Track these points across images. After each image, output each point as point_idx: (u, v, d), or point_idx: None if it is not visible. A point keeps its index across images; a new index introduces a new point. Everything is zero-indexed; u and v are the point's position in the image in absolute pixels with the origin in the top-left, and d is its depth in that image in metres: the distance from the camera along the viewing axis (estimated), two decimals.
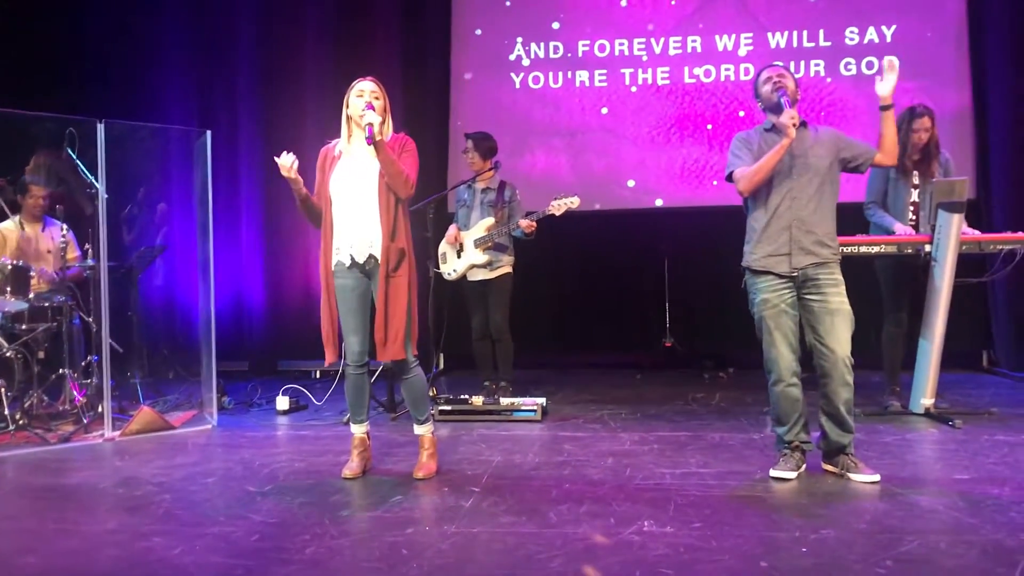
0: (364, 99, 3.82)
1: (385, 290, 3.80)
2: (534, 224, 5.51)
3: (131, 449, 4.64)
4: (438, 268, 5.88)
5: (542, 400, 5.29)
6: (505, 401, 5.26)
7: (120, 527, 3.21)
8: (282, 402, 5.71)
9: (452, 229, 5.82)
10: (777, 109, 3.75)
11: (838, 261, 3.77)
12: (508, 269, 5.77)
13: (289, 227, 7.64)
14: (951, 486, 3.59)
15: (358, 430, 4.03)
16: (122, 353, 5.75)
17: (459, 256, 5.76)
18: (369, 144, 3.72)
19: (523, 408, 5.17)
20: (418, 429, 4.04)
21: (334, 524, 3.19)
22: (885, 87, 3.70)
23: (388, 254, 3.80)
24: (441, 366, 7.48)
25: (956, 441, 4.42)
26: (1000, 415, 5.06)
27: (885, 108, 3.73)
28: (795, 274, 3.71)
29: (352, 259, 3.85)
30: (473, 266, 5.71)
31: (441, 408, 5.20)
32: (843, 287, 3.73)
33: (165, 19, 7.79)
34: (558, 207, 5.44)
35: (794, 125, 3.62)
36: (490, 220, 5.69)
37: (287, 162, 3.81)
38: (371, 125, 3.70)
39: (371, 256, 3.85)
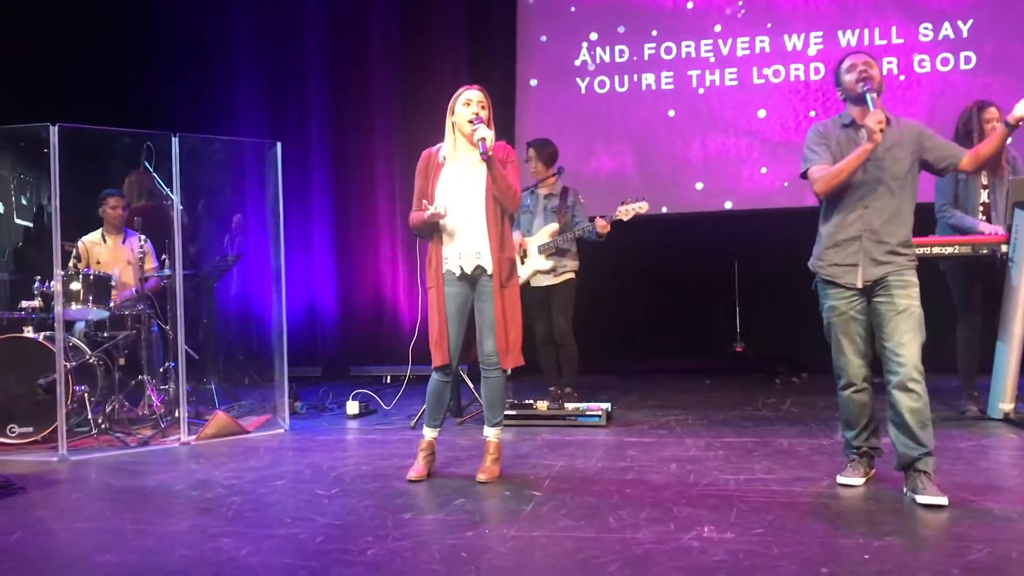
0: (471, 108, 3.84)
1: (502, 300, 3.88)
2: (608, 225, 5.50)
3: (206, 452, 4.78)
4: None
5: (607, 405, 5.28)
6: (570, 406, 5.27)
7: (192, 528, 3.32)
8: (352, 407, 5.82)
9: (516, 236, 5.84)
10: (860, 102, 3.50)
11: (913, 267, 3.51)
12: (572, 274, 5.78)
13: (359, 235, 7.79)
14: None
15: (430, 434, 4.08)
16: (198, 360, 5.93)
17: (523, 262, 5.79)
18: (483, 160, 3.78)
19: (588, 413, 5.17)
20: (488, 431, 4.09)
21: (396, 526, 3.24)
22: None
23: (500, 265, 3.88)
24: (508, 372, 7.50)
25: None
26: None
27: (1010, 126, 3.46)
28: (863, 286, 3.50)
29: (461, 269, 3.91)
30: (538, 272, 5.74)
31: (506, 413, 5.22)
32: (914, 289, 3.47)
33: (236, 34, 8.03)
34: (626, 212, 5.44)
35: (880, 130, 3.34)
36: (554, 226, 5.71)
37: (443, 211, 3.83)
38: (483, 141, 3.74)
39: (478, 266, 3.90)
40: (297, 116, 7.94)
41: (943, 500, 3.27)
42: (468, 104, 3.86)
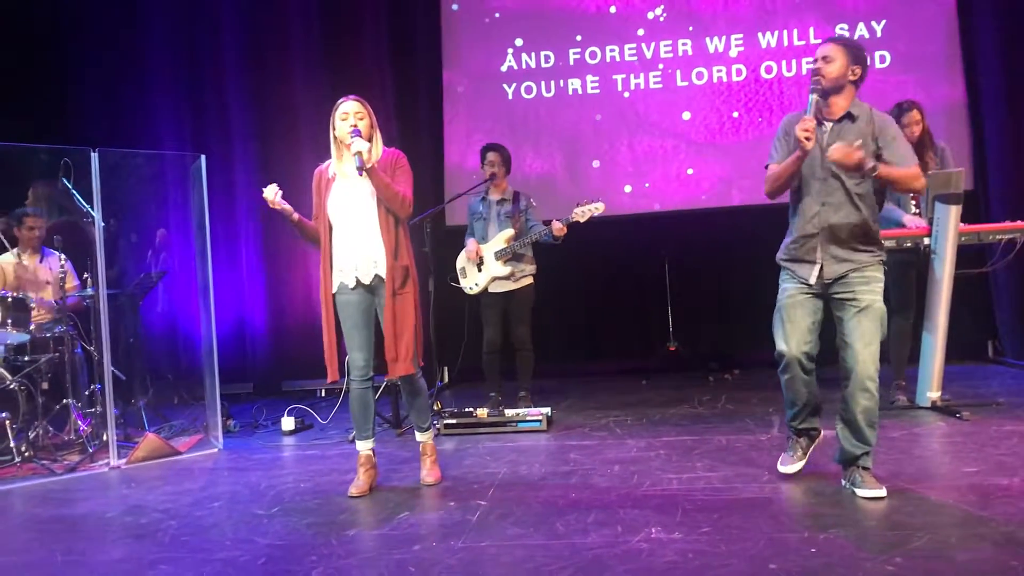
0: (349, 121, 3.83)
1: (392, 308, 3.84)
2: (565, 228, 5.51)
3: (137, 476, 4.63)
4: (457, 283, 5.88)
5: (547, 410, 5.27)
6: (510, 412, 5.25)
7: (127, 555, 3.20)
8: (287, 423, 5.70)
9: (471, 243, 5.80)
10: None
11: (877, 262, 3.47)
12: (531, 279, 5.77)
13: (288, 247, 7.65)
14: (960, 479, 3.57)
15: (364, 446, 4.02)
16: (125, 380, 5.74)
17: (480, 270, 5.75)
18: (360, 175, 3.74)
19: (528, 418, 5.16)
20: (421, 436, 4.11)
21: (341, 544, 3.18)
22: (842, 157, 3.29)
23: (393, 273, 3.86)
24: (445, 380, 7.46)
25: (963, 433, 4.40)
26: (1007, 405, 5.04)
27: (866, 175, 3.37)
28: (817, 283, 3.49)
29: (357, 280, 3.90)
30: (496, 278, 5.70)
31: (446, 422, 5.18)
32: (878, 285, 3.44)
33: (152, 44, 7.80)
34: (582, 213, 5.45)
35: (807, 138, 3.29)
36: (509, 231, 5.68)
37: (270, 194, 3.85)
38: (359, 155, 3.71)
39: (376, 276, 3.89)
40: (218, 126, 7.74)
41: (882, 492, 3.34)
42: (345, 118, 3.85)
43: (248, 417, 6.21)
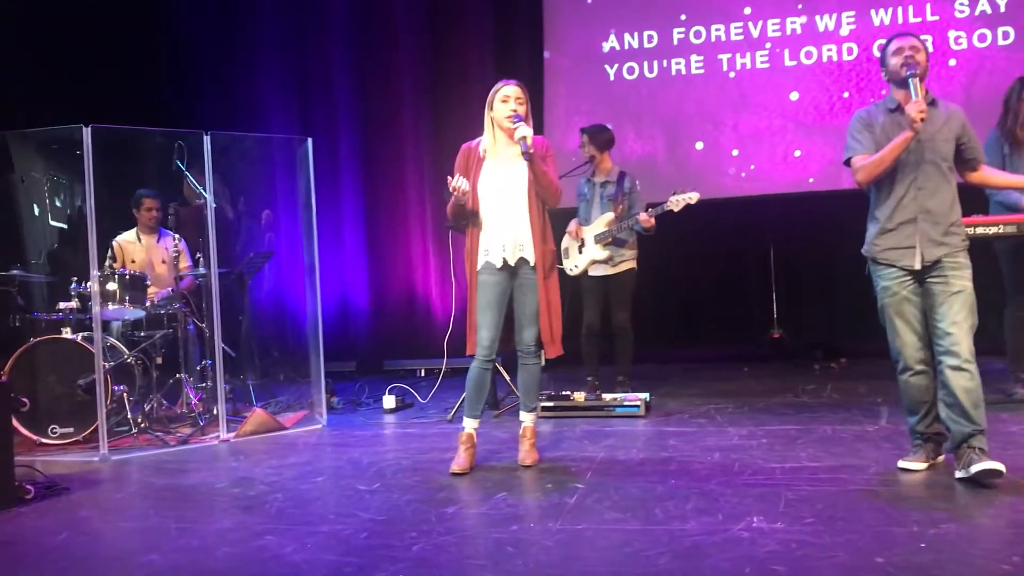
0: (510, 105, 3.89)
1: (545, 292, 3.96)
2: (652, 220, 5.45)
3: (245, 450, 4.79)
4: (559, 264, 5.89)
5: (645, 395, 5.23)
6: (608, 396, 5.22)
7: (235, 526, 3.32)
8: (389, 401, 5.81)
9: (573, 224, 5.80)
10: (904, 86, 3.44)
11: (965, 247, 3.48)
12: (631, 264, 5.71)
13: (390, 229, 7.78)
14: None
15: (471, 424, 4.05)
16: (235, 357, 5.94)
17: (580, 252, 5.74)
18: (524, 159, 3.83)
19: (626, 403, 5.12)
20: (525, 416, 4.13)
21: (440, 521, 3.22)
22: None
23: (544, 257, 3.96)
24: (543, 362, 7.47)
25: None
26: None
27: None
28: (921, 267, 3.45)
29: (504, 261, 3.96)
30: (595, 262, 5.68)
31: (544, 404, 5.18)
32: (967, 271, 3.43)
33: (262, 30, 8.03)
34: (676, 203, 5.37)
35: (922, 119, 3.31)
36: (610, 215, 5.65)
37: (464, 186, 3.89)
38: (524, 140, 3.80)
39: (521, 258, 3.96)
40: (325, 110, 7.92)
41: (1000, 466, 3.23)
42: (506, 100, 3.90)
43: (351, 395, 6.36)
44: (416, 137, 7.77)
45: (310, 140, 5.54)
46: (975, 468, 3.25)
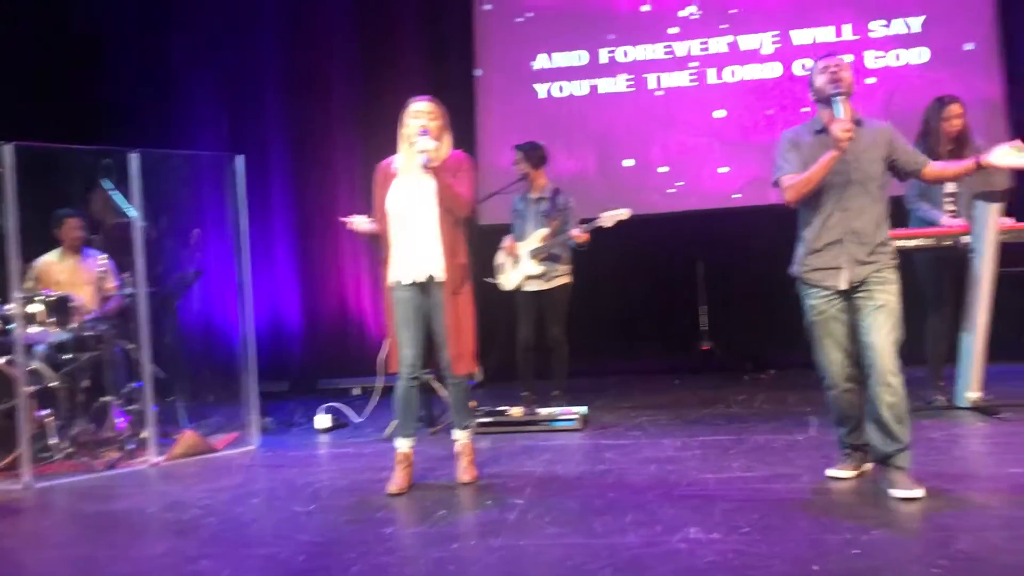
0: (420, 121, 3.89)
1: (453, 306, 3.92)
2: (586, 235, 5.51)
3: (176, 473, 4.69)
4: (495, 279, 5.90)
5: (582, 409, 5.27)
6: (544, 411, 5.25)
7: (169, 551, 3.24)
8: (322, 420, 5.74)
9: (507, 240, 5.83)
10: (830, 105, 3.48)
11: (894, 265, 3.52)
12: (565, 279, 5.75)
13: (323, 246, 7.70)
14: (1004, 480, 3.53)
15: (404, 444, 4.02)
16: (164, 378, 5.80)
17: (515, 267, 5.76)
18: (425, 172, 3.84)
19: (563, 418, 5.15)
20: (459, 434, 4.11)
21: (379, 541, 3.19)
22: (1003, 159, 3.42)
23: (452, 272, 3.92)
24: (479, 378, 7.47)
25: (1005, 434, 4.34)
26: None
27: (980, 165, 3.49)
28: (848, 287, 3.50)
29: (412, 278, 3.94)
30: (529, 277, 5.71)
31: (480, 421, 5.18)
32: (893, 286, 3.47)
33: (191, 46, 7.90)
34: (608, 219, 5.44)
35: (848, 137, 3.35)
36: (544, 231, 5.68)
37: (361, 224, 4.00)
38: (424, 153, 3.80)
39: (430, 275, 3.93)
40: (256, 127, 7.82)
41: (919, 493, 3.29)
42: (417, 116, 3.91)
43: (284, 415, 6.27)
44: (348, 153, 7.72)
45: (241, 157, 5.47)
46: (895, 493, 3.32)
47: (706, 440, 4.64)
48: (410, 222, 3.92)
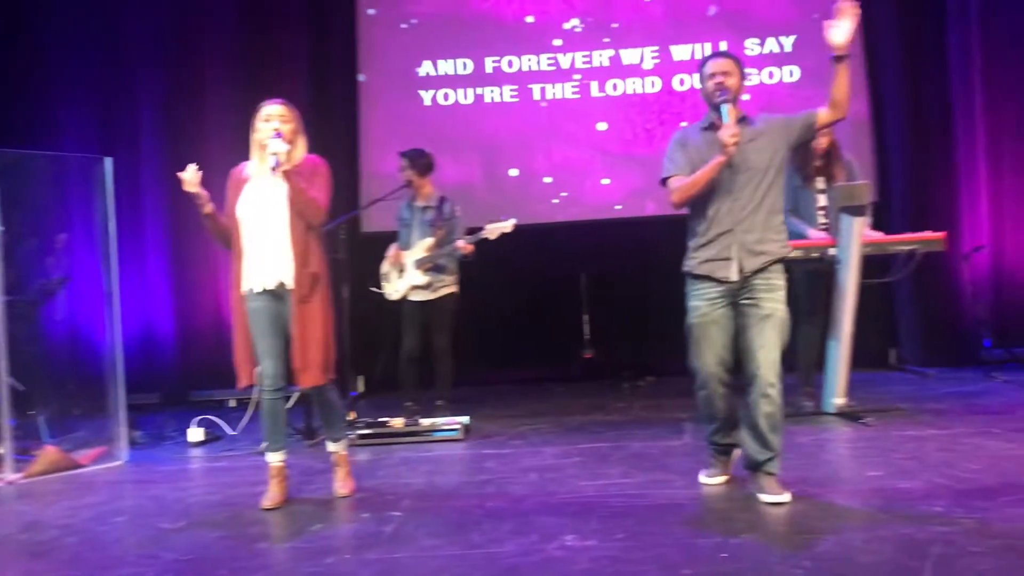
0: (271, 124, 3.77)
1: (300, 316, 3.76)
2: (471, 247, 5.49)
3: (35, 491, 4.44)
4: (379, 289, 5.82)
5: (464, 419, 5.25)
6: (426, 422, 5.21)
7: (23, 575, 3.06)
8: (195, 433, 5.54)
9: (392, 249, 5.77)
10: (717, 109, 3.54)
11: (781, 264, 3.58)
12: (451, 289, 5.72)
13: (197, 254, 7.44)
14: (864, 483, 3.68)
15: (275, 458, 3.92)
16: (24, 391, 5.49)
17: (400, 276, 5.70)
18: (274, 174, 3.71)
19: (445, 428, 5.12)
20: (333, 447, 4.02)
21: (251, 557, 3.10)
22: (839, 34, 3.41)
23: (300, 280, 3.77)
24: (362, 389, 7.38)
25: (867, 438, 4.54)
26: (909, 410, 5.21)
27: (839, 59, 3.43)
28: (740, 278, 3.51)
29: (263, 286, 3.80)
30: (415, 287, 5.65)
31: (360, 432, 5.10)
32: (780, 292, 3.54)
33: (58, 41, 7.53)
34: (492, 231, 5.44)
35: (734, 143, 3.39)
36: (430, 240, 5.64)
37: (189, 174, 3.78)
38: (275, 156, 3.68)
39: (280, 283, 3.79)
40: (127, 128, 7.50)
41: (785, 498, 3.40)
42: (268, 120, 3.80)
43: (155, 428, 6.02)
44: (224, 157, 7.41)
45: (109, 160, 5.24)
46: (764, 498, 3.43)
47: (585, 448, 4.69)
48: (260, 228, 3.79)
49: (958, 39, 7.16)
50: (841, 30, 3.40)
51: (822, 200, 5.24)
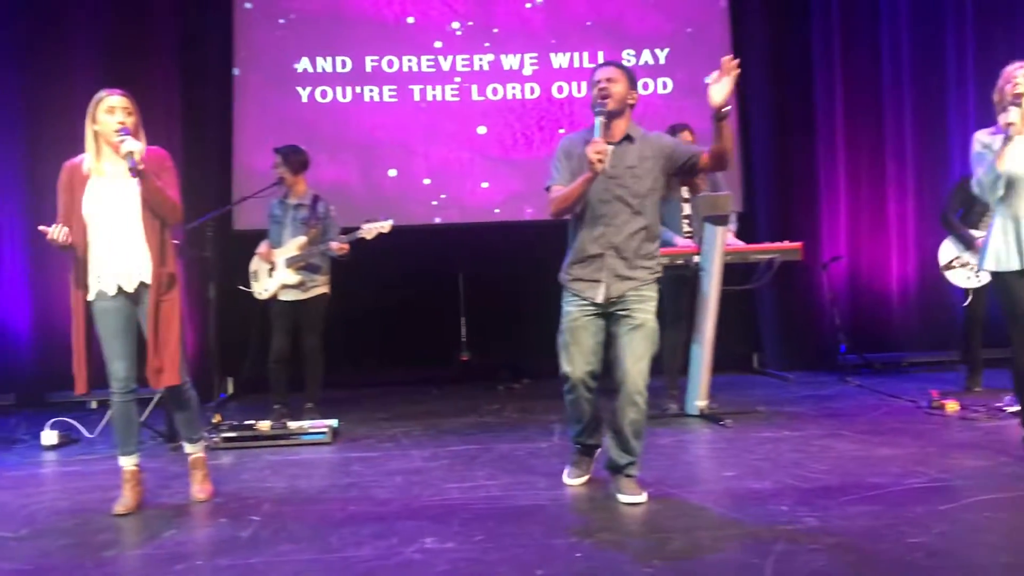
0: (116, 116, 3.60)
1: (156, 316, 3.66)
2: (346, 246, 5.42)
3: None
4: (248, 288, 5.67)
5: (333, 422, 5.18)
6: (293, 425, 5.11)
7: None
8: (49, 436, 5.28)
9: (263, 246, 5.64)
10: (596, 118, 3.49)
11: (653, 280, 3.63)
12: (323, 289, 5.64)
13: (57, 249, 7.10)
14: (719, 483, 3.82)
15: (128, 462, 3.79)
16: None
17: (271, 275, 5.57)
18: (133, 176, 3.56)
19: (312, 431, 5.04)
20: (190, 449, 3.93)
21: (97, 566, 2.99)
22: (719, 93, 3.36)
23: (159, 279, 3.67)
24: (230, 391, 7.19)
25: (726, 440, 4.70)
26: (766, 413, 5.43)
27: (718, 116, 3.38)
28: (605, 301, 3.58)
29: (119, 288, 3.67)
30: (286, 286, 5.54)
31: (224, 435, 4.97)
32: (652, 303, 3.60)
33: None
34: (369, 231, 5.39)
35: (599, 161, 3.34)
36: (302, 239, 5.54)
37: (60, 236, 3.59)
38: (132, 156, 3.51)
39: (140, 283, 3.69)
40: None
41: (642, 498, 3.51)
42: (112, 112, 3.62)
43: (6, 431, 5.72)
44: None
45: None
46: (622, 499, 3.53)
47: (455, 450, 4.70)
48: (114, 228, 3.65)
49: (821, 60, 7.52)
50: (720, 89, 3.35)
51: (687, 209, 5.41)
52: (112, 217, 3.65)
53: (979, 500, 3.35)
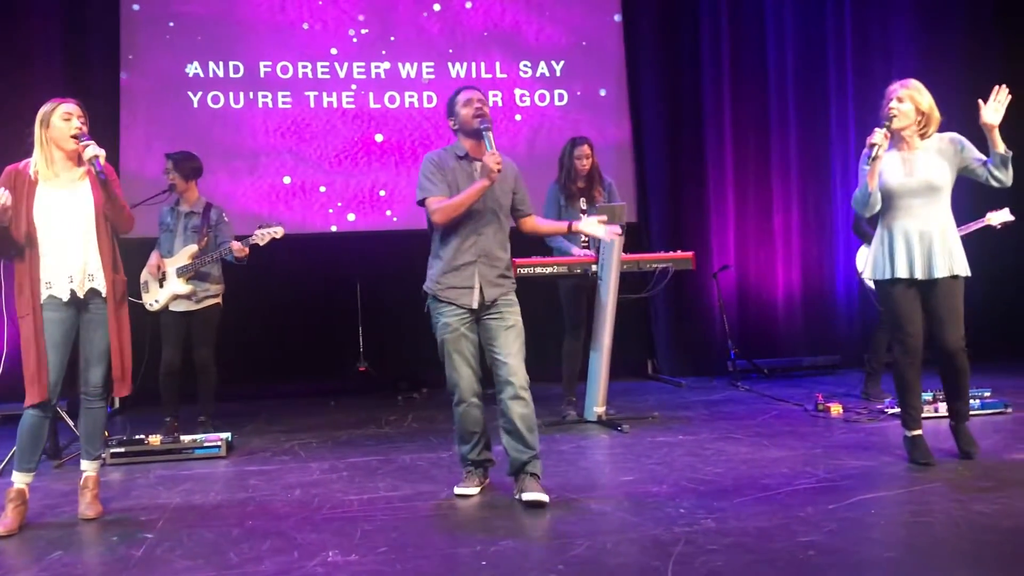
0: (72, 123, 3.62)
1: (116, 324, 3.71)
2: (246, 249, 5.30)
3: None
4: (138, 299, 5.47)
5: (227, 435, 5.05)
6: (186, 438, 4.97)
7: None
8: None
9: (153, 257, 5.46)
10: (475, 136, 3.76)
11: (514, 288, 3.87)
12: (215, 300, 5.51)
13: None
14: (618, 488, 3.89)
15: (22, 479, 3.64)
16: None
17: (161, 286, 5.40)
18: (100, 179, 3.59)
19: (206, 444, 4.91)
20: (88, 466, 3.82)
21: None
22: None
23: (114, 287, 3.70)
24: (117, 404, 6.93)
25: (623, 445, 4.80)
26: (661, 418, 5.57)
27: (569, 230, 4.05)
28: (478, 306, 3.74)
29: (72, 293, 3.62)
30: (176, 296, 5.38)
31: (113, 451, 4.79)
32: (518, 307, 3.82)
33: None
34: (261, 236, 5.29)
35: (499, 170, 3.60)
36: (193, 248, 5.39)
37: (4, 199, 3.47)
38: (97, 159, 3.56)
39: (92, 290, 3.67)
40: None
41: (545, 497, 3.57)
42: (68, 118, 3.64)
43: None
44: None
45: None
46: (525, 497, 3.59)
47: (355, 461, 4.65)
48: (66, 234, 3.63)
49: (710, 76, 7.78)
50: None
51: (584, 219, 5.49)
52: (65, 223, 3.63)
53: (864, 499, 3.51)
